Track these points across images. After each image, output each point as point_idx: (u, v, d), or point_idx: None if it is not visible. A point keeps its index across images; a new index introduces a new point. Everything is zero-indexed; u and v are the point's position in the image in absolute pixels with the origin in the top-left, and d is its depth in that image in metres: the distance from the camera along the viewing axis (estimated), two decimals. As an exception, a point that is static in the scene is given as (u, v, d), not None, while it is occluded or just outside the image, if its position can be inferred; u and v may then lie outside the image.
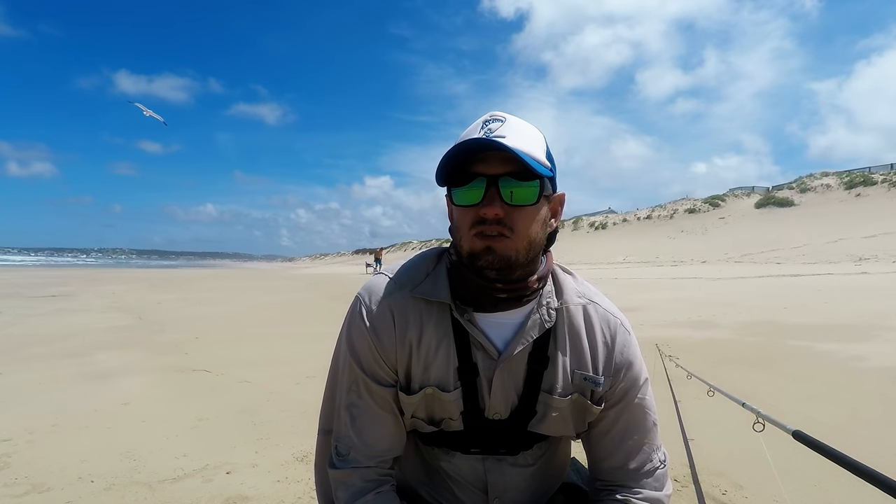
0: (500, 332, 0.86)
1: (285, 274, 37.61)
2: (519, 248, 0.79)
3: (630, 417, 0.89)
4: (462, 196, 0.80)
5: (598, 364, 0.88)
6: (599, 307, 0.91)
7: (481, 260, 0.79)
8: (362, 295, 0.90)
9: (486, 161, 0.78)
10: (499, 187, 0.77)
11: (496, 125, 0.79)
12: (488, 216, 0.77)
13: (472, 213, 0.79)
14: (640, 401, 0.90)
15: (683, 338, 5.93)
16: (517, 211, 0.78)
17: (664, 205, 53.07)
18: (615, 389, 0.89)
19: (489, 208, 0.76)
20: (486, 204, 0.77)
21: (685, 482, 2.27)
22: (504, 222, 0.77)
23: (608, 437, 0.90)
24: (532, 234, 0.80)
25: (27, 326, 7.25)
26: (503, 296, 0.83)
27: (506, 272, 0.80)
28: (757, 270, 16.88)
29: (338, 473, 0.86)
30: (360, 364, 0.86)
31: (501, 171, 0.77)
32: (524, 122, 0.82)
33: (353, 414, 0.85)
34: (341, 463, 0.86)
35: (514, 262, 0.79)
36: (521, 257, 0.80)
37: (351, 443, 0.85)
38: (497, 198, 0.77)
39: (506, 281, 0.82)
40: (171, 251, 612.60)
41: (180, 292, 14.49)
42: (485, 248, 0.78)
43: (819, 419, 3.04)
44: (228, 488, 2.28)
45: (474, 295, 0.84)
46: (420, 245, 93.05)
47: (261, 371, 4.62)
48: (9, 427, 3.02)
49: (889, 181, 37.15)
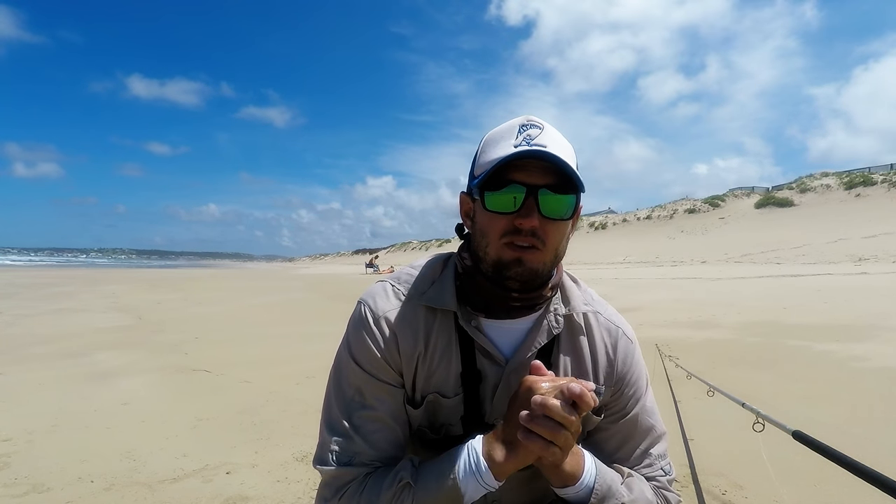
0: (507, 338, 0.85)
1: (285, 274, 37.62)
2: (546, 261, 0.78)
3: (632, 427, 0.88)
4: (496, 202, 0.77)
5: (599, 373, 0.88)
6: (602, 316, 0.91)
7: (510, 271, 0.77)
8: (366, 301, 0.87)
9: (525, 169, 0.75)
10: (537, 198, 0.75)
11: (535, 132, 0.77)
12: (524, 227, 0.75)
13: (506, 222, 0.76)
14: (642, 410, 0.89)
15: (683, 338, 5.93)
16: (552, 224, 0.76)
17: (664, 205, 53.10)
18: (617, 399, 0.89)
19: (527, 220, 0.74)
20: (524, 215, 0.75)
21: (685, 482, 2.27)
22: (538, 234, 0.76)
23: (609, 445, 0.89)
24: (560, 247, 0.80)
25: (27, 326, 7.25)
26: (517, 304, 0.82)
27: (529, 284, 0.80)
28: (757, 271, 16.88)
29: (334, 471, 0.81)
30: (363, 372, 0.84)
31: (542, 181, 0.75)
32: (558, 132, 0.80)
33: (357, 423, 0.82)
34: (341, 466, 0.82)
35: (540, 274, 0.79)
36: (546, 270, 0.79)
37: (354, 451, 0.82)
38: (535, 209, 0.75)
39: (524, 291, 0.81)
40: (171, 251, 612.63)
41: (180, 292, 14.48)
42: (515, 259, 0.76)
43: (819, 419, 3.03)
44: (228, 488, 2.29)
45: (486, 301, 0.83)
46: (420, 245, 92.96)
47: (261, 371, 4.62)
48: (9, 427, 3.02)
49: (889, 181, 37.19)
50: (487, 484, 0.73)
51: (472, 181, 0.82)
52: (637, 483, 0.83)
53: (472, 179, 0.81)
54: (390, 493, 0.75)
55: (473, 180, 0.81)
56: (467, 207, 0.86)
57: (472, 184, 0.81)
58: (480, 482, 0.73)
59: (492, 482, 0.73)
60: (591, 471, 0.77)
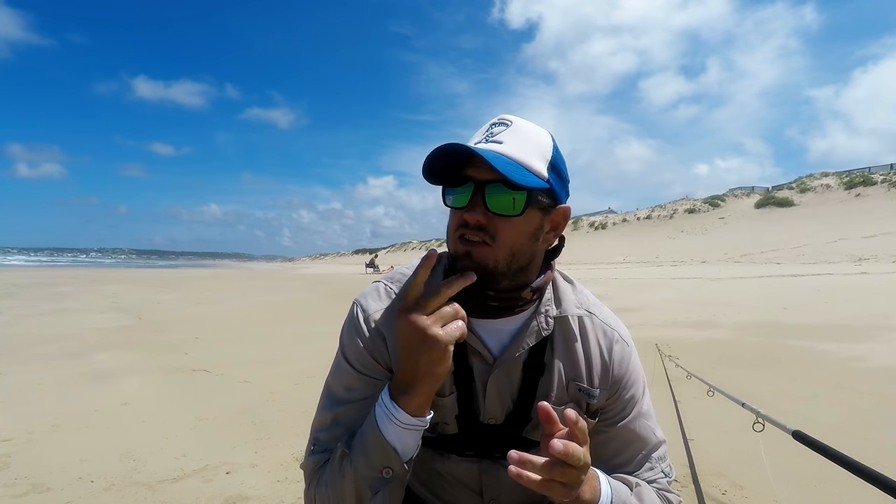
0: (497, 338, 0.86)
1: (285, 274, 37.60)
2: (499, 258, 0.78)
3: (630, 431, 0.88)
4: (452, 198, 0.81)
5: (594, 376, 0.88)
6: (596, 318, 0.91)
7: (460, 263, 0.78)
8: (359, 301, 0.89)
9: (477, 165, 0.77)
10: (484, 194, 0.76)
11: (499, 129, 0.79)
12: (469, 222, 0.77)
13: (458, 217, 0.79)
14: (639, 414, 0.89)
15: (683, 338, 5.93)
16: (500, 220, 0.77)
17: (664, 205, 53.08)
18: (612, 403, 0.89)
19: (471, 214, 0.77)
20: (469, 209, 0.77)
21: (685, 482, 2.27)
22: (486, 229, 0.77)
23: (607, 449, 0.88)
24: (516, 245, 0.79)
25: (27, 326, 7.26)
26: (494, 304, 0.82)
27: (487, 280, 0.79)
28: (757, 270, 16.88)
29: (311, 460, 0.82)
30: (354, 370, 0.84)
31: (490, 177, 0.76)
32: (533, 127, 0.81)
33: (341, 419, 0.83)
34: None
35: (494, 270, 0.78)
36: (500, 267, 0.78)
37: (334, 441, 0.82)
38: (480, 204, 0.76)
39: (493, 290, 0.81)
40: (171, 251, 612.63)
41: (180, 292, 14.49)
42: (464, 252, 0.78)
43: (819, 419, 3.04)
44: (228, 488, 2.29)
45: (467, 300, 0.83)
46: (420, 245, 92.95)
47: (261, 371, 4.62)
48: (9, 427, 3.02)
49: (889, 181, 37.19)
50: (405, 423, 0.72)
51: (425, 177, 0.83)
52: (645, 492, 0.83)
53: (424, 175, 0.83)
54: (334, 466, 0.77)
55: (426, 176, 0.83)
56: None
57: (426, 179, 0.83)
58: (398, 423, 0.72)
59: (408, 420, 0.72)
60: (607, 493, 0.75)
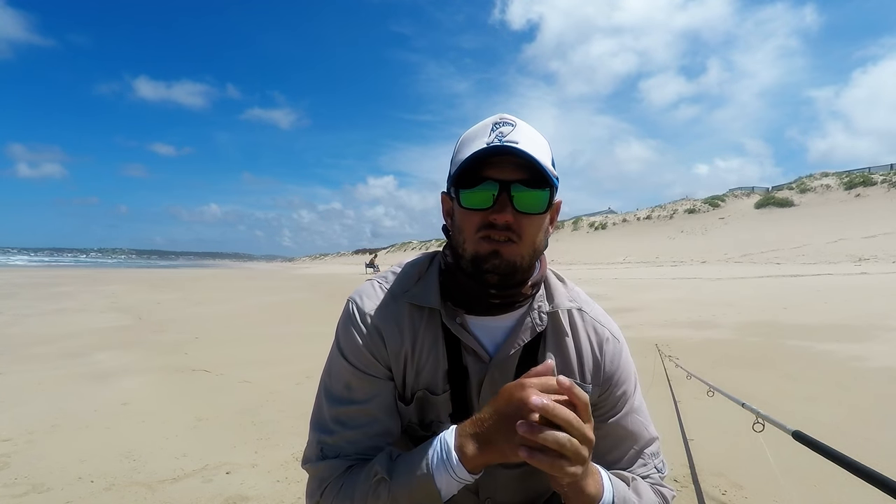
0: (491, 335, 0.86)
1: (285, 274, 37.60)
2: (524, 255, 0.79)
3: (623, 427, 0.88)
4: (470, 199, 0.78)
5: (586, 372, 0.88)
6: (587, 315, 0.91)
7: (487, 263, 0.78)
8: (354, 299, 0.89)
9: (498, 165, 0.76)
10: (510, 194, 0.76)
11: (507, 129, 0.78)
12: (498, 222, 0.76)
13: (481, 218, 0.78)
14: (631, 410, 0.89)
15: (683, 338, 5.93)
16: (527, 218, 0.78)
17: (664, 205, 53.05)
18: (604, 399, 0.89)
19: (500, 215, 0.76)
20: (498, 210, 0.76)
21: (685, 482, 2.27)
22: (513, 228, 0.77)
23: (600, 446, 0.87)
24: (537, 241, 0.81)
25: (27, 326, 7.25)
26: (496, 301, 0.83)
27: (508, 277, 0.80)
28: (757, 271, 16.88)
29: (318, 466, 0.82)
30: (352, 367, 0.84)
31: (514, 177, 0.76)
32: (532, 128, 0.81)
33: (343, 419, 0.83)
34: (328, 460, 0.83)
35: (518, 267, 0.79)
36: (524, 263, 0.80)
37: (339, 445, 0.83)
38: (509, 204, 0.76)
39: (504, 286, 0.81)
40: (171, 251, 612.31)
41: (180, 292, 14.49)
42: (492, 251, 0.77)
43: (819, 419, 3.04)
44: (228, 488, 2.29)
45: (467, 298, 0.84)
46: (420, 245, 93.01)
47: (261, 371, 4.62)
48: (9, 427, 3.02)
49: (889, 181, 37.16)
50: (460, 477, 0.69)
51: (449, 180, 0.83)
52: (642, 487, 0.83)
53: (450, 178, 0.82)
54: (366, 486, 0.75)
55: (450, 179, 0.82)
56: (448, 206, 0.88)
57: (449, 182, 0.83)
58: (453, 476, 0.69)
59: (465, 476, 0.69)
60: (609, 488, 0.75)
